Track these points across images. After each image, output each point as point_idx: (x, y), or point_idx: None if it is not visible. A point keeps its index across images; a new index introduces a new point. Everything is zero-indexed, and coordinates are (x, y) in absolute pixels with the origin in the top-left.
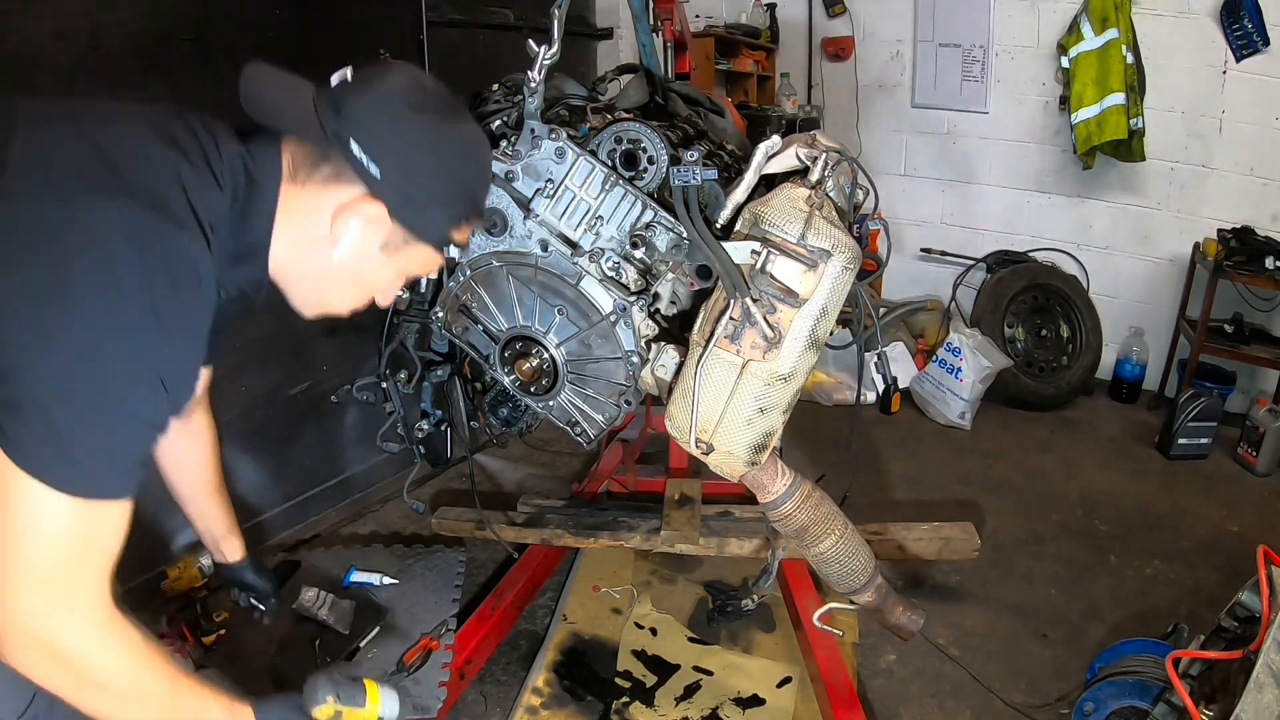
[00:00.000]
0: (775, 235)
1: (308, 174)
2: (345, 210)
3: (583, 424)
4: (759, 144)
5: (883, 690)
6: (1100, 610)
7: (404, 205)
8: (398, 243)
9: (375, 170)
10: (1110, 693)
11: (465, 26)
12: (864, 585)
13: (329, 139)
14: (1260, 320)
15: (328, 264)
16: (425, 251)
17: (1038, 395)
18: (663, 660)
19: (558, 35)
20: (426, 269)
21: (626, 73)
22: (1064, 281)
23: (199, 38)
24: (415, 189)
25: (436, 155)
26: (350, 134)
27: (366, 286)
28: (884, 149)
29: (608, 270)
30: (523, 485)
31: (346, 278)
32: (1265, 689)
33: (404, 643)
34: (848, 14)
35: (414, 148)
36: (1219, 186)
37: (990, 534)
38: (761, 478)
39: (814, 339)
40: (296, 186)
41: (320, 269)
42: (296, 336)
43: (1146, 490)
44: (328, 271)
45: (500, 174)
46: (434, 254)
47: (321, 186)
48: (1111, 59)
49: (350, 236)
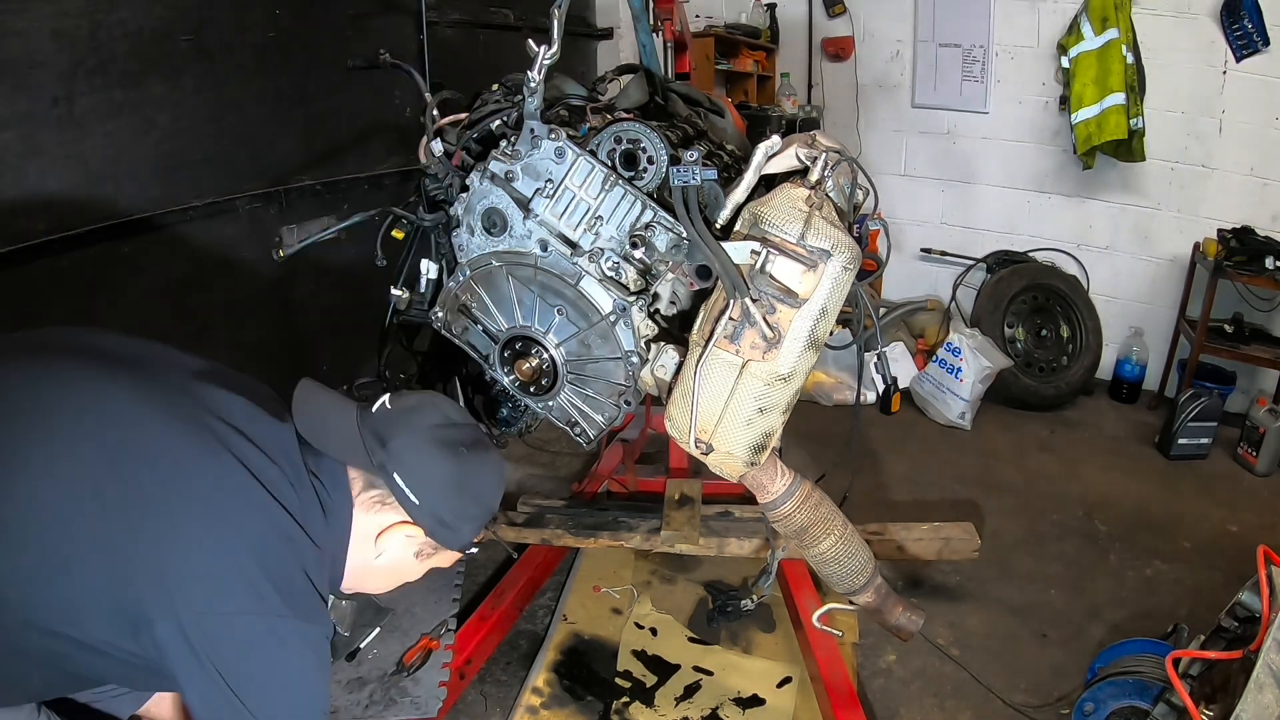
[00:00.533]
0: (775, 235)
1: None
2: (390, 531)
3: (582, 424)
4: (759, 144)
5: (883, 690)
6: (1100, 610)
7: (438, 526)
8: (429, 551)
9: (414, 499)
10: (1110, 693)
11: (465, 26)
12: (864, 585)
13: (376, 469)
14: (1260, 320)
15: (369, 566)
16: (452, 555)
17: (1038, 395)
18: (663, 660)
19: (558, 35)
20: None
21: (626, 73)
22: (1064, 281)
23: (199, 38)
24: (447, 513)
25: (463, 487)
26: (394, 468)
27: (399, 579)
28: (884, 149)
29: (607, 270)
30: (523, 485)
31: (385, 576)
32: (1265, 689)
33: (404, 643)
34: (848, 14)
35: (447, 484)
36: (1219, 186)
37: (990, 534)
38: (761, 478)
39: (814, 339)
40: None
41: (362, 569)
42: (296, 337)
43: (1146, 490)
44: (369, 572)
45: (500, 174)
46: (457, 555)
47: (370, 508)
48: (1111, 59)
49: (392, 551)
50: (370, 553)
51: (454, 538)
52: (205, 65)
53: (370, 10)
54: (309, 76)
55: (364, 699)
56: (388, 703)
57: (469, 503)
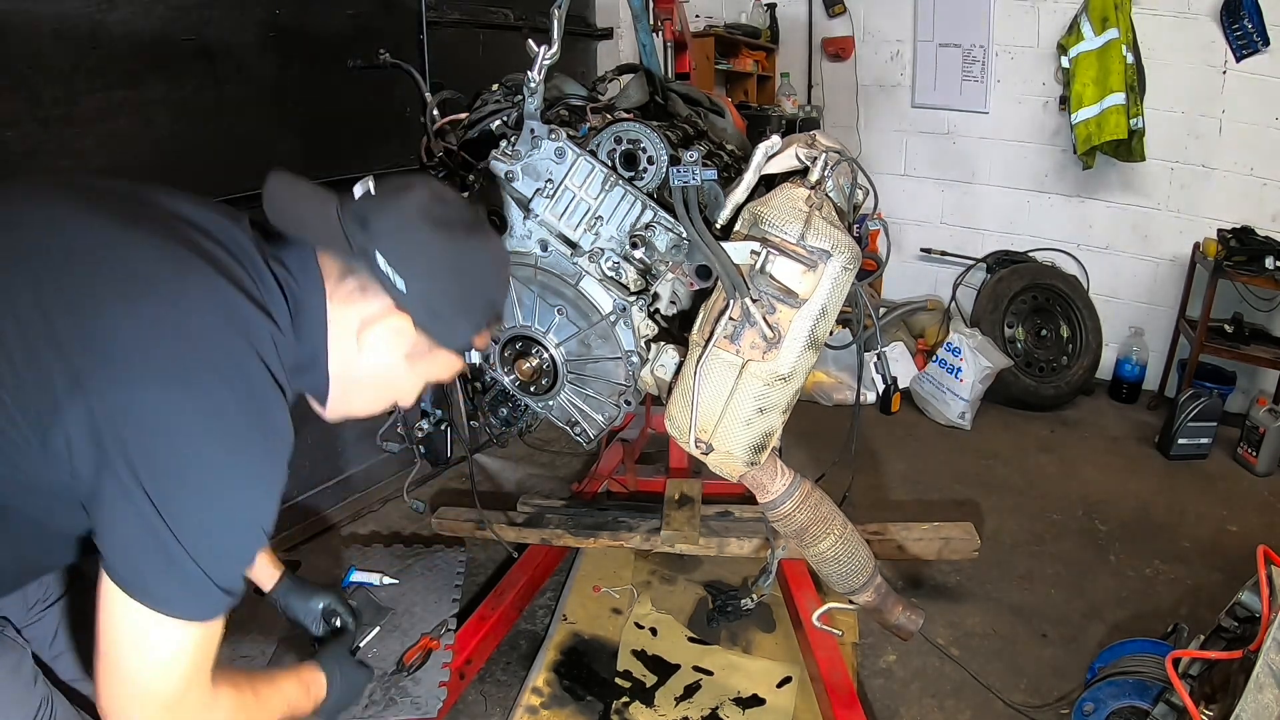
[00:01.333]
0: (775, 235)
1: (338, 285)
2: (373, 323)
3: (582, 424)
4: (759, 144)
5: (883, 690)
6: (1100, 610)
7: (428, 317)
8: (422, 351)
9: (401, 284)
10: (1110, 693)
11: (465, 26)
12: (863, 585)
13: (355, 254)
14: (1260, 320)
15: (354, 372)
16: (447, 357)
17: (1038, 395)
18: (663, 660)
19: (558, 35)
20: (448, 373)
21: (626, 73)
22: (1064, 281)
23: (199, 38)
24: (439, 301)
25: (459, 269)
26: (376, 249)
27: (391, 394)
28: (884, 149)
29: (607, 270)
30: (523, 485)
31: (371, 385)
32: (1265, 689)
33: (404, 643)
34: (848, 14)
35: (438, 262)
36: (1219, 186)
37: (990, 534)
38: (761, 478)
39: (813, 339)
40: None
41: (347, 377)
42: None
43: (1146, 490)
44: (354, 379)
45: (500, 174)
46: (456, 359)
47: (348, 299)
48: (1111, 59)
49: (377, 348)
50: (353, 355)
51: (448, 332)
52: (205, 65)
53: (370, 10)
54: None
55: (364, 699)
56: (388, 703)
57: (465, 289)
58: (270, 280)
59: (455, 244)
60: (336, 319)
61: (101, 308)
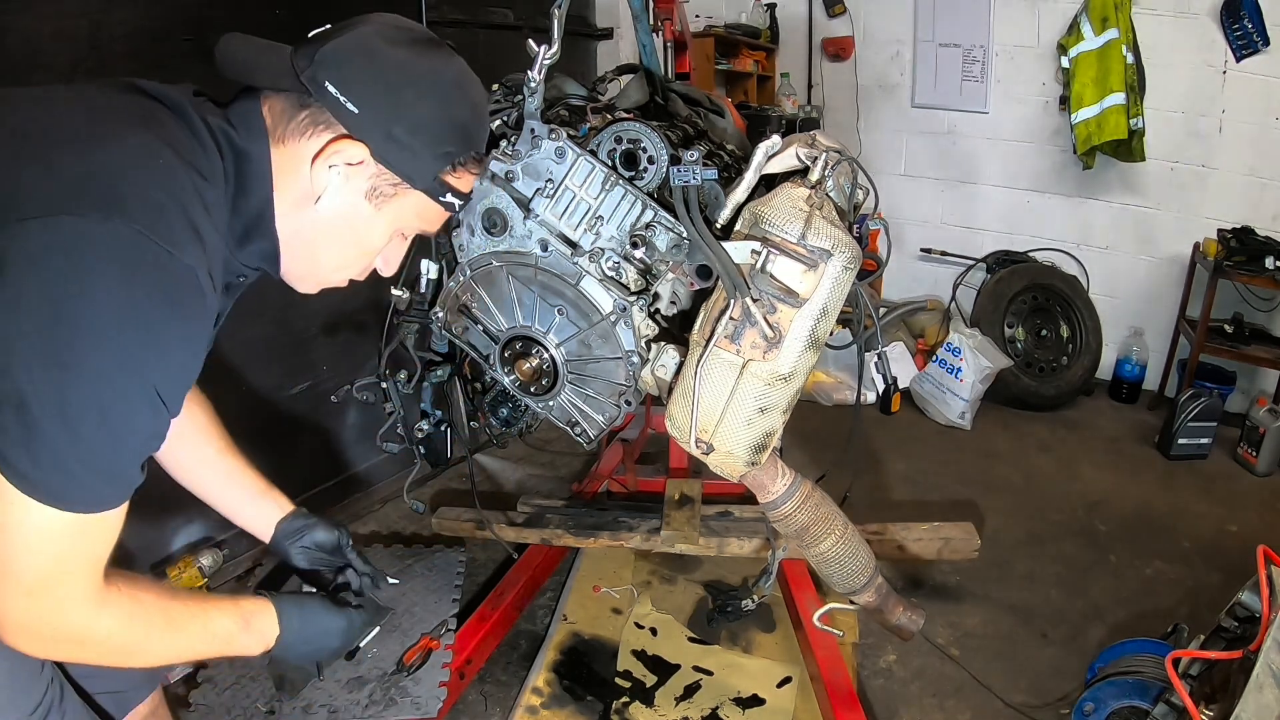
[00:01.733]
0: (775, 235)
1: (285, 127)
2: (324, 154)
3: (583, 424)
4: (759, 144)
5: (883, 690)
6: (1100, 610)
7: (386, 142)
8: (385, 189)
9: (352, 107)
10: (1110, 693)
11: (465, 26)
12: (864, 585)
13: (304, 86)
14: (1260, 320)
15: (315, 223)
16: (417, 200)
17: (1038, 395)
18: (663, 660)
19: (558, 35)
20: (424, 223)
21: (626, 73)
22: (1064, 281)
23: (199, 38)
24: (396, 124)
25: (418, 87)
26: (325, 74)
27: (360, 247)
28: (884, 149)
29: (608, 270)
30: (523, 485)
31: (336, 236)
32: (1265, 689)
33: (404, 643)
34: (848, 14)
35: (393, 80)
36: (1219, 186)
37: (990, 534)
38: (761, 478)
39: (814, 339)
40: (280, 146)
41: (309, 230)
42: (296, 336)
43: (1146, 490)
44: (316, 231)
45: (500, 174)
46: (428, 204)
47: (300, 137)
48: (1111, 59)
49: (333, 185)
50: (308, 203)
51: (411, 161)
52: (205, 65)
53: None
54: None
55: (364, 699)
56: (388, 703)
57: (427, 110)
58: (204, 132)
59: (414, 60)
60: (283, 164)
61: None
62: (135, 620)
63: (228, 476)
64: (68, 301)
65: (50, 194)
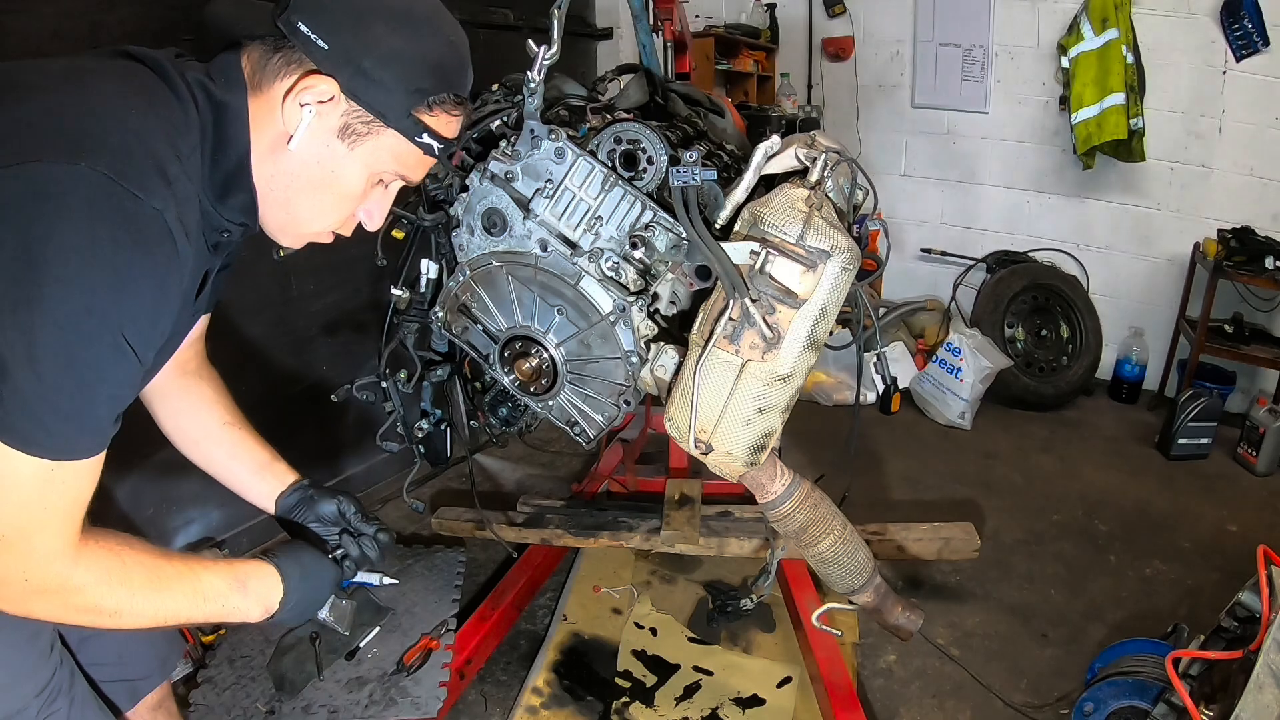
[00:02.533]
0: (774, 236)
1: (262, 73)
2: (294, 91)
3: (582, 424)
4: (759, 144)
5: (883, 690)
6: (1100, 610)
7: (356, 77)
8: (358, 128)
9: (322, 43)
10: (1110, 693)
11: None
12: (863, 585)
13: (280, 27)
14: (1260, 320)
15: (290, 168)
16: (393, 141)
17: (1038, 395)
18: (663, 660)
19: (558, 35)
20: (402, 167)
21: (626, 73)
22: (1064, 281)
23: (199, 38)
24: (366, 56)
25: (390, 21)
26: (299, 15)
27: (336, 192)
28: (884, 149)
29: (607, 270)
30: (523, 485)
31: (311, 180)
32: (1265, 689)
33: (404, 643)
34: (848, 14)
35: (364, 15)
36: (1219, 186)
37: (990, 534)
38: (760, 478)
39: (813, 339)
40: (257, 93)
41: (285, 175)
42: (296, 336)
43: (1146, 490)
44: (291, 176)
45: (500, 174)
46: (405, 145)
47: (274, 80)
48: (1111, 59)
49: (305, 123)
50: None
51: (384, 97)
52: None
53: None
54: None
55: (364, 699)
56: (388, 703)
57: (397, 44)
58: (181, 86)
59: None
60: (260, 111)
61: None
62: (113, 576)
63: (231, 450)
64: (34, 247)
65: (20, 143)
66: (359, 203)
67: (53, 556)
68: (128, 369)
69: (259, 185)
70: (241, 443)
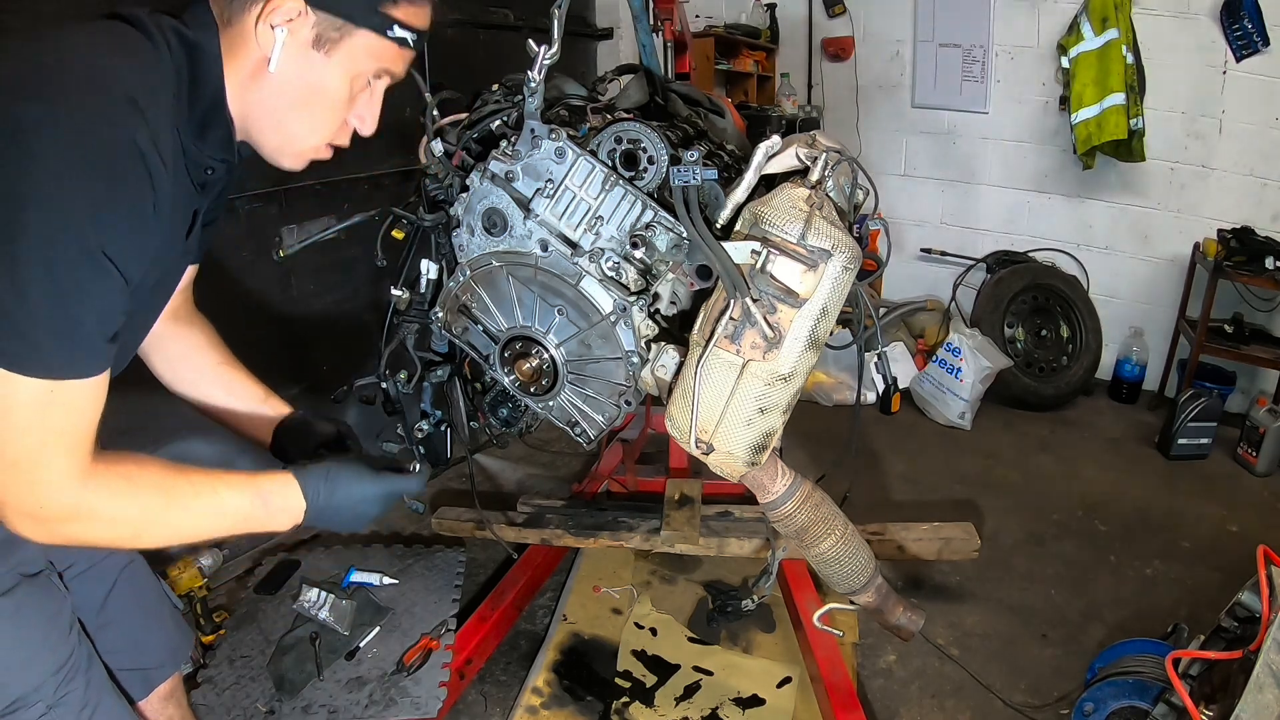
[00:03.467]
0: (775, 235)
1: (230, 9)
2: (263, 15)
3: (583, 424)
4: (759, 144)
5: (883, 690)
6: (1100, 610)
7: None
8: (330, 35)
9: None
10: (1110, 693)
11: (465, 26)
12: (864, 585)
13: None
14: (1260, 320)
15: (273, 90)
16: (367, 40)
17: (1038, 395)
18: (663, 660)
19: (558, 35)
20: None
21: (626, 73)
22: (1064, 282)
23: None
24: None
25: None
26: None
27: (323, 102)
28: (884, 149)
29: (608, 270)
30: (523, 485)
31: (297, 97)
32: (1265, 689)
33: (404, 643)
34: (848, 14)
35: None
36: (1219, 186)
37: (990, 534)
38: (761, 478)
39: (814, 339)
40: (228, 29)
41: (270, 99)
42: (297, 336)
43: (1146, 490)
44: (277, 98)
45: (500, 174)
46: (379, 42)
47: (242, 11)
48: (1111, 59)
49: (277, 44)
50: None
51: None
52: None
53: None
54: None
55: (364, 699)
56: (388, 703)
57: None
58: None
59: None
60: (232, 45)
61: None
62: (124, 496)
63: (228, 388)
64: (12, 180)
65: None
66: (348, 109)
67: (62, 481)
68: (111, 285)
69: (248, 114)
70: (236, 380)
